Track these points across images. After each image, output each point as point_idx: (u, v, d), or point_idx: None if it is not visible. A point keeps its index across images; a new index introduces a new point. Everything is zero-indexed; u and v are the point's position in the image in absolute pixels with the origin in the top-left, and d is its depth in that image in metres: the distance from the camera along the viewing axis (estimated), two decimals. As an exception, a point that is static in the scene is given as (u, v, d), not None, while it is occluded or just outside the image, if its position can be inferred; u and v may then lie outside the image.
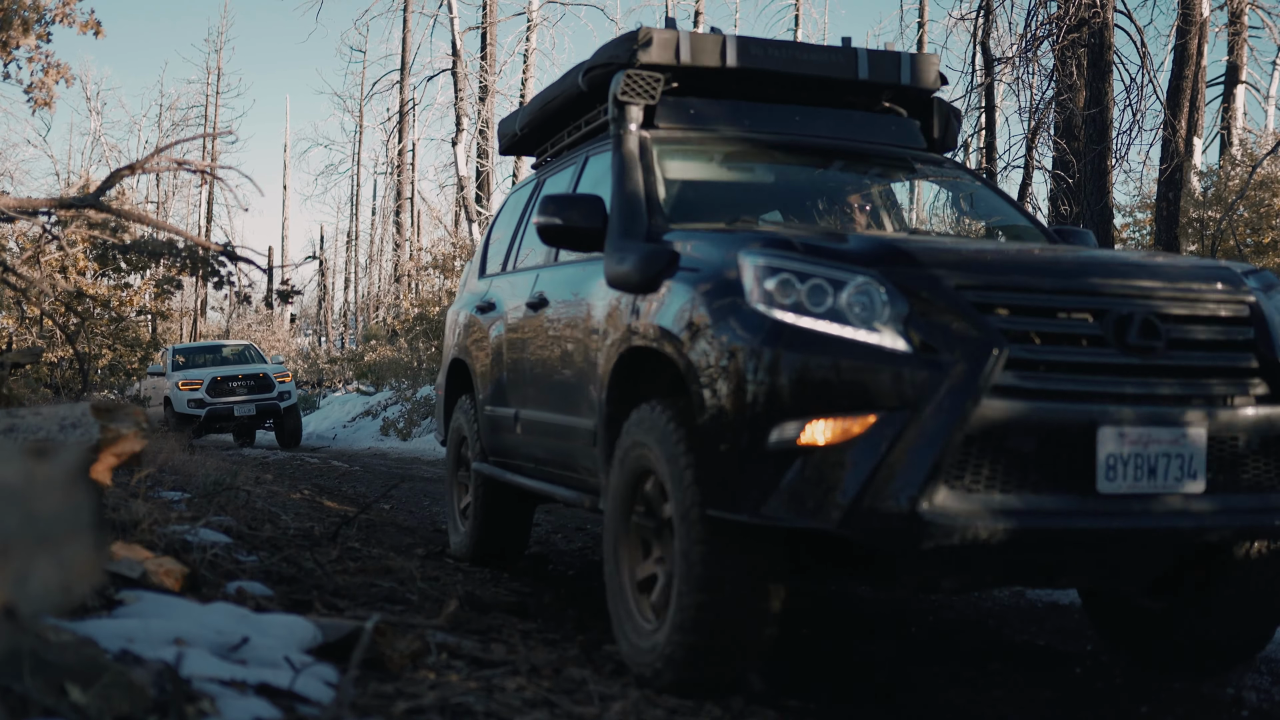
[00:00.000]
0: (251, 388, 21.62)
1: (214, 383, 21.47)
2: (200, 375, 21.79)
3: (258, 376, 21.87)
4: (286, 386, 22.15)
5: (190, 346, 25.49)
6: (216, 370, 22.06)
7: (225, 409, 21.35)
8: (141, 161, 8.40)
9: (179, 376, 21.89)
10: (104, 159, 48.90)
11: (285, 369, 23.65)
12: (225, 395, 21.39)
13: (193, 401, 21.21)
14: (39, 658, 1.91)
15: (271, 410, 21.71)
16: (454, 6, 30.12)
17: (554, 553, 7.42)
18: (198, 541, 4.27)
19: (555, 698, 2.95)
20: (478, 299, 6.44)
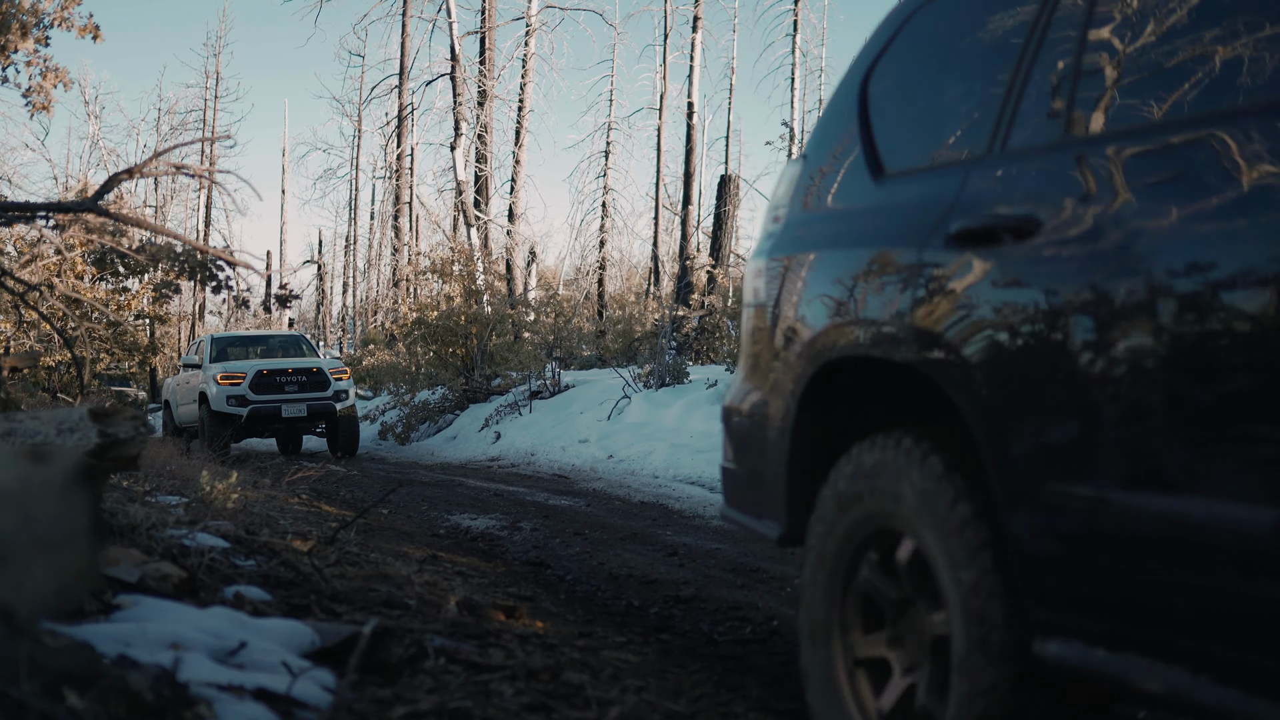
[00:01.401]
0: (303, 385, 18.34)
1: (259, 377, 18.07)
2: (244, 368, 18.29)
3: (310, 372, 18.48)
4: (344, 385, 18.76)
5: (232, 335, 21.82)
6: (262, 363, 18.66)
7: (271, 409, 18.03)
8: (140, 165, 8.39)
9: (218, 369, 18.40)
10: (102, 163, 48.93)
11: (342, 364, 19.71)
12: (272, 392, 18.08)
13: (233, 399, 17.89)
14: (36, 662, 1.90)
15: (325, 412, 18.40)
16: (453, 11, 30.15)
17: (552, 557, 7.42)
18: (195, 546, 4.26)
19: (553, 703, 2.95)
20: (931, 216, 2.76)
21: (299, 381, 18.26)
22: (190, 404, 19.48)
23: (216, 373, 18.16)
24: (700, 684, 4.04)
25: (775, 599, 5.90)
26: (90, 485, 1.82)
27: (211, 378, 18.17)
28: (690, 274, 32.60)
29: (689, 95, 37.09)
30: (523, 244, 33.14)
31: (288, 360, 19.06)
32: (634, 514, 9.57)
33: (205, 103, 50.48)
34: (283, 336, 21.62)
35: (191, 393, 19.41)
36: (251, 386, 17.91)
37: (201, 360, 19.43)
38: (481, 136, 31.19)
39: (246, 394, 17.85)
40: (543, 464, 14.87)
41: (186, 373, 20.17)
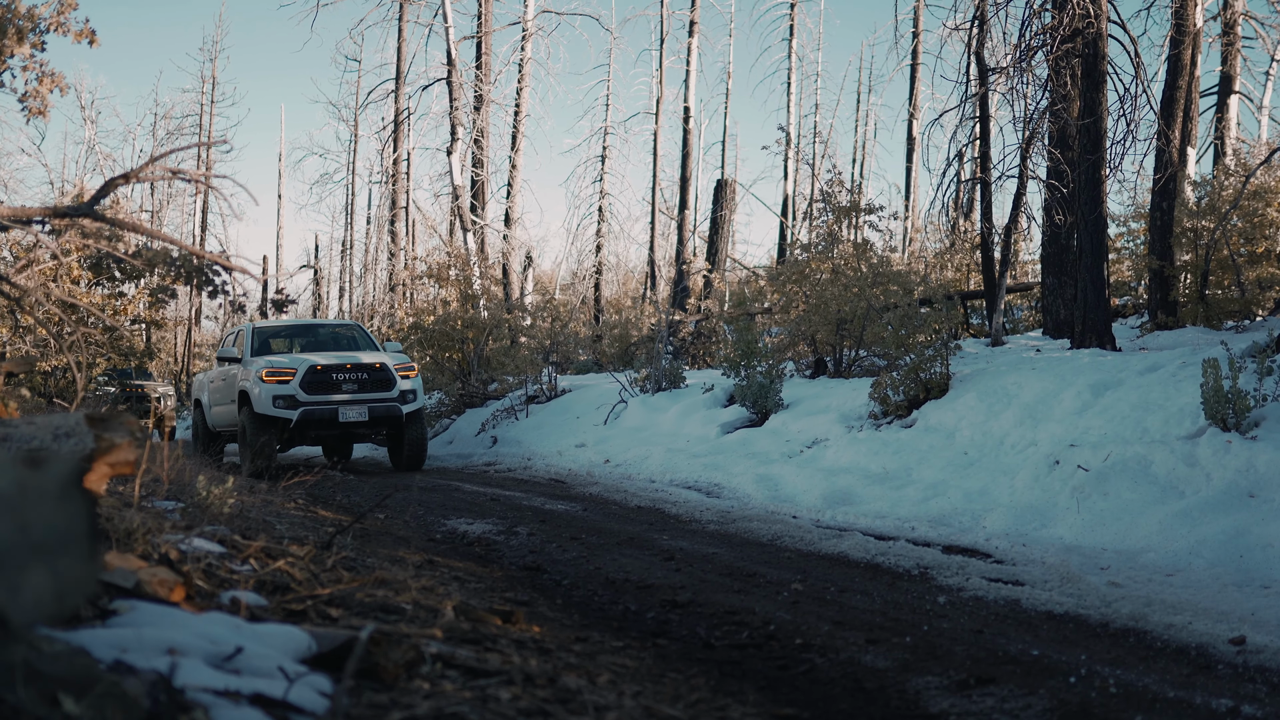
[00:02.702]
0: (363, 383, 15.59)
1: (312, 374, 15.35)
2: (293, 363, 15.56)
3: (372, 368, 15.67)
4: (411, 384, 15.98)
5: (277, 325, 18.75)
6: (316, 357, 15.81)
7: (327, 412, 15.30)
8: (136, 170, 8.38)
9: (262, 364, 15.61)
10: (98, 168, 48.87)
11: (408, 360, 16.61)
12: (327, 392, 15.37)
13: (281, 399, 15.20)
14: (32, 668, 1.90)
15: (389, 416, 15.64)
16: (449, 16, 30.14)
17: (548, 562, 7.41)
18: (192, 551, 4.26)
19: (550, 707, 2.95)
20: None
21: (359, 379, 15.58)
22: (227, 404, 16.90)
23: (261, 368, 15.42)
24: (697, 688, 4.04)
25: (772, 603, 5.90)
26: (86, 490, 1.82)
27: (255, 374, 15.42)
28: (686, 278, 32.61)
29: (685, 100, 37.13)
30: (519, 248, 33.13)
31: (345, 354, 16.23)
32: (631, 518, 9.56)
33: (201, 107, 50.46)
34: (335, 326, 18.68)
35: (229, 391, 16.84)
36: (303, 385, 15.26)
37: (241, 353, 16.83)
38: (478, 141, 31.18)
39: (297, 394, 15.22)
40: (539, 468, 14.86)
41: (222, 367, 17.54)
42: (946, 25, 19.36)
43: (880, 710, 4.06)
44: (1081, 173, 14.56)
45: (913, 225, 38.78)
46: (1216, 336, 15.41)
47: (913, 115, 41.80)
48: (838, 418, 13.13)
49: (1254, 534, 6.96)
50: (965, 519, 8.74)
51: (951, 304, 15.58)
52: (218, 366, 17.90)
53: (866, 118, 49.16)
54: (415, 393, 15.96)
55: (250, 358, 16.35)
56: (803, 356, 18.25)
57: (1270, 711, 3.96)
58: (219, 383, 17.60)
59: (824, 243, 19.59)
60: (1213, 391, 8.66)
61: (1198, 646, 4.89)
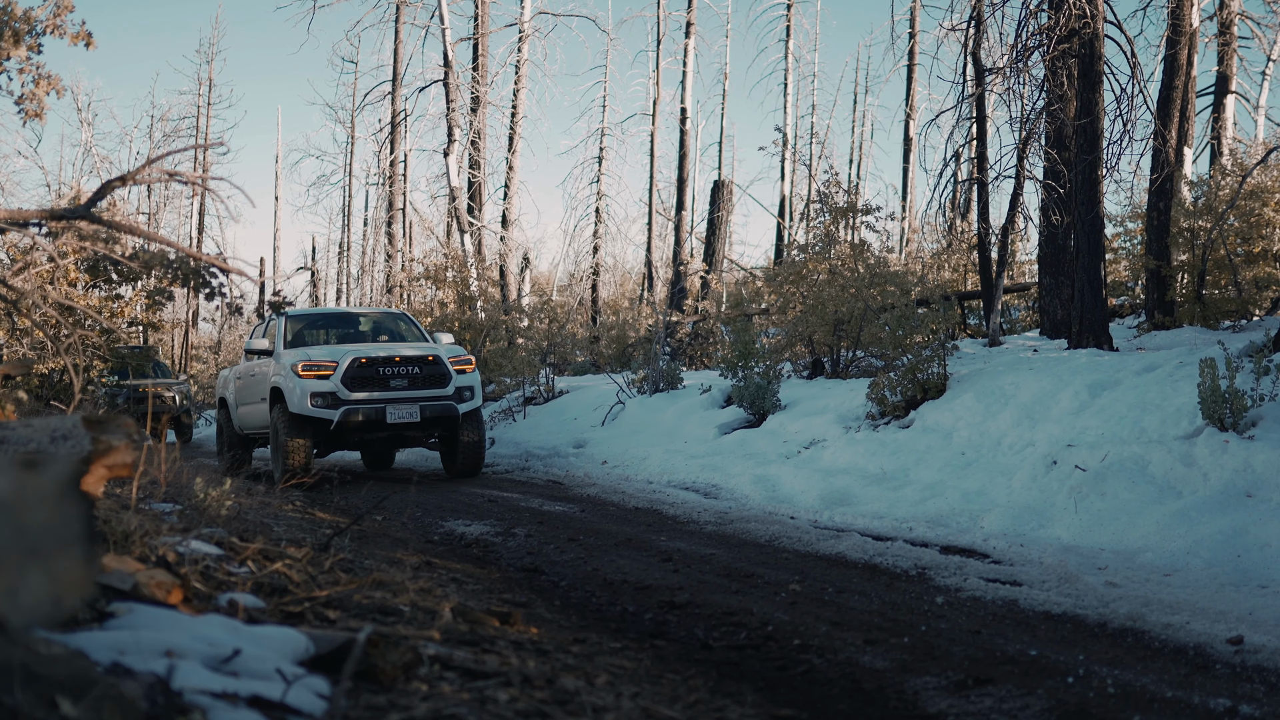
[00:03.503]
0: (414, 378, 13.79)
1: (356, 368, 13.55)
2: (334, 356, 13.71)
3: (424, 361, 13.88)
4: (468, 379, 14.18)
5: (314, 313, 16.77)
6: (359, 349, 13.97)
7: (373, 411, 13.51)
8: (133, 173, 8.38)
9: (298, 357, 13.79)
10: (95, 170, 48.86)
11: (464, 352, 14.69)
12: (373, 388, 13.57)
13: (320, 397, 13.39)
14: (29, 670, 1.90)
15: (444, 416, 13.81)
16: (446, 18, 30.14)
17: (546, 563, 7.41)
18: (189, 553, 4.26)
19: (548, 708, 2.95)
20: None
21: (409, 374, 13.75)
22: (256, 403, 15.07)
23: (296, 361, 13.64)
24: (696, 689, 4.04)
25: (770, 604, 5.90)
26: (83, 493, 1.82)
27: (289, 368, 13.64)
28: (684, 279, 32.62)
29: (682, 101, 37.16)
30: (516, 250, 33.14)
31: (392, 346, 14.40)
32: (628, 519, 9.56)
33: (198, 109, 50.45)
34: (378, 314, 16.71)
35: (258, 388, 15.01)
36: (346, 380, 13.46)
37: (273, 345, 14.85)
38: (475, 143, 31.18)
39: (338, 391, 13.40)
40: (537, 470, 14.86)
41: (251, 362, 15.64)
42: (943, 26, 19.36)
43: (878, 710, 4.06)
44: (1078, 173, 14.57)
45: (910, 226, 38.81)
46: (1213, 336, 15.43)
47: (909, 116, 41.83)
48: (835, 418, 13.13)
49: (1251, 534, 6.96)
50: (963, 519, 8.75)
51: (949, 304, 15.59)
52: (244, 361, 16.03)
53: (863, 118, 49.23)
54: (473, 389, 14.20)
55: (283, 350, 14.46)
56: (800, 357, 18.26)
57: (1268, 711, 3.96)
58: (246, 379, 15.66)
59: (821, 243, 19.60)
60: (1210, 391, 8.67)
61: (1195, 646, 4.89)
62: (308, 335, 15.49)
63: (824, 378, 16.59)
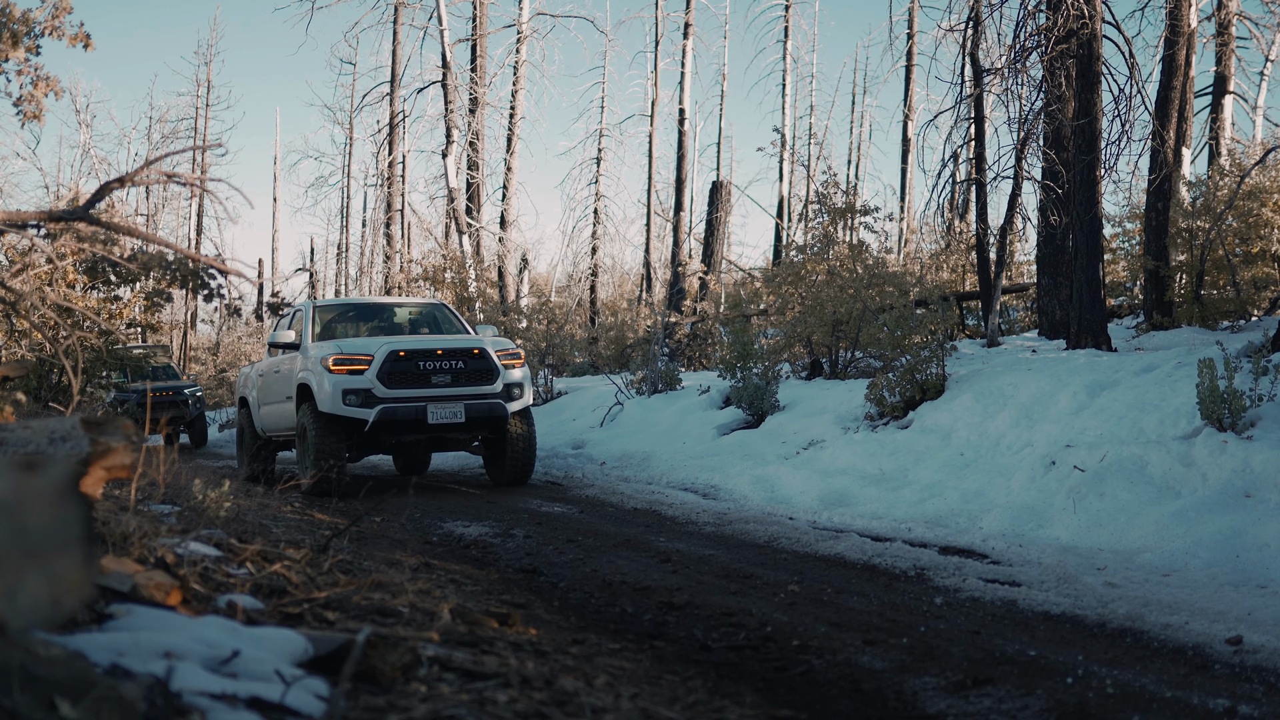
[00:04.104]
0: (458, 374, 12.42)
1: (394, 362, 12.23)
2: (368, 348, 12.40)
3: (469, 354, 12.51)
4: (517, 375, 12.80)
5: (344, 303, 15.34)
6: (398, 341, 12.71)
7: (412, 410, 12.14)
8: (131, 174, 8.37)
9: (329, 350, 12.43)
10: (93, 172, 48.86)
11: (512, 345, 13.24)
12: (413, 385, 12.25)
13: (354, 394, 12.08)
14: (28, 672, 1.90)
15: (491, 416, 12.43)
16: (444, 19, 30.16)
17: (545, 564, 7.41)
18: (188, 554, 4.25)
19: (547, 710, 2.95)
20: None
21: (452, 369, 12.38)
22: (281, 402, 13.73)
23: (327, 355, 12.29)
24: (695, 690, 4.04)
25: (769, 605, 5.90)
26: (82, 495, 1.82)
27: (319, 363, 12.32)
28: (682, 280, 32.62)
29: (680, 102, 37.15)
30: (515, 251, 33.15)
31: (434, 338, 13.09)
32: (627, 520, 9.56)
33: (196, 111, 50.46)
34: (414, 304, 15.34)
35: (283, 385, 13.66)
36: (382, 376, 12.13)
37: (299, 337, 13.52)
38: (473, 144, 31.19)
39: (374, 387, 12.08)
40: (535, 470, 14.86)
41: (275, 357, 14.42)
42: (941, 26, 19.38)
43: (877, 711, 4.06)
44: (1077, 173, 14.57)
45: (908, 226, 38.83)
46: (1212, 336, 15.43)
47: (908, 116, 41.86)
48: (834, 419, 13.13)
49: (1250, 534, 6.96)
50: (962, 520, 8.74)
51: (947, 305, 15.61)
52: (267, 357, 14.89)
53: (861, 119, 49.26)
54: (522, 386, 12.80)
55: (312, 343, 13.12)
56: (799, 358, 18.26)
57: (1267, 711, 3.96)
58: (270, 377, 14.38)
59: (819, 244, 19.61)
60: (1208, 391, 8.67)
61: (1194, 646, 4.89)
62: (337, 327, 14.23)
63: (822, 378, 16.59)
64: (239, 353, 40.78)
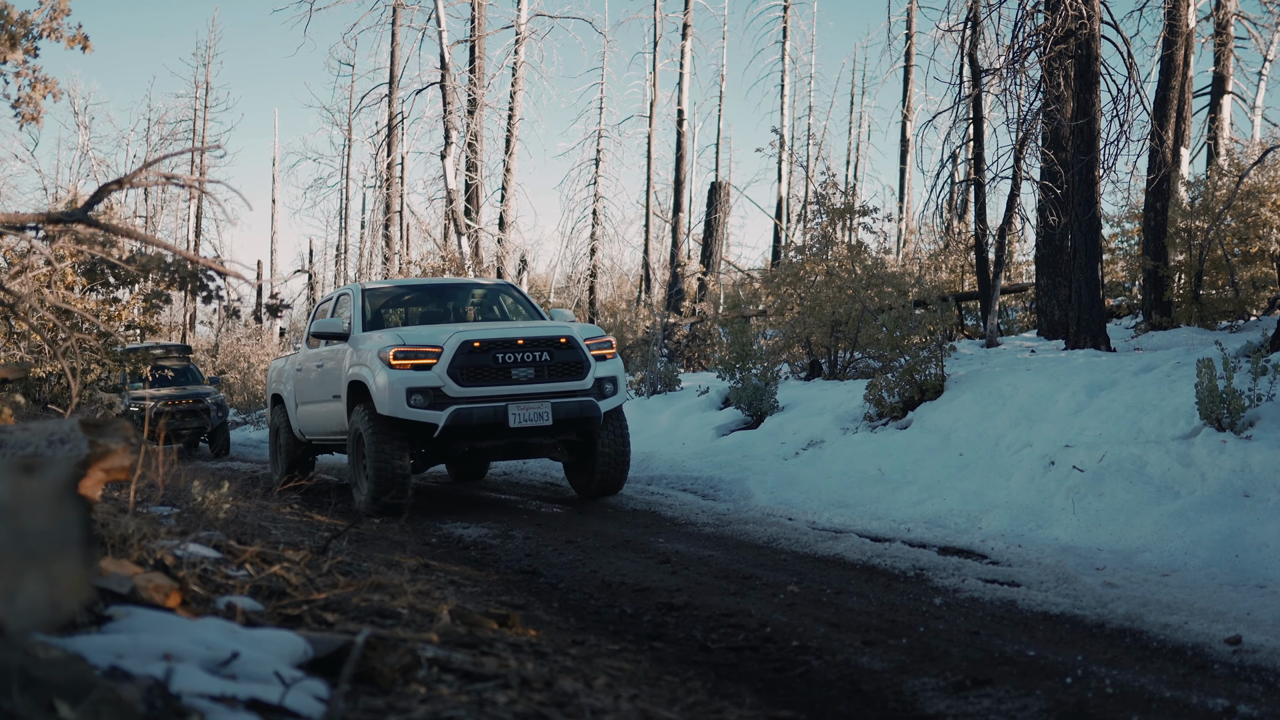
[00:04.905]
0: (543, 368, 10.47)
1: (467, 354, 10.25)
2: (435, 338, 10.42)
3: (554, 344, 10.56)
4: (610, 368, 10.87)
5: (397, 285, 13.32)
6: (468, 330, 10.65)
7: (489, 411, 10.17)
8: (130, 176, 8.37)
9: (387, 340, 10.56)
10: (92, 173, 48.86)
11: (601, 332, 11.32)
12: (489, 381, 10.26)
13: (420, 393, 10.12)
14: (27, 674, 1.90)
15: (583, 417, 10.53)
16: (442, 20, 30.16)
17: (544, 565, 7.41)
18: (187, 556, 4.25)
19: (546, 710, 2.95)
20: None
21: (536, 361, 10.43)
22: (325, 402, 11.96)
23: (386, 347, 10.40)
24: (694, 691, 4.04)
25: (768, 605, 5.90)
26: (81, 496, 1.82)
27: (376, 356, 10.44)
28: (681, 281, 32.61)
29: (679, 102, 37.14)
30: (514, 252, 33.16)
31: (509, 325, 11.27)
32: (626, 521, 9.56)
33: (195, 112, 50.45)
34: (476, 286, 13.46)
35: (328, 382, 11.85)
36: (454, 371, 10.18)
37: (348, 326, 11.66)
38: (472, 145, 31.19)
39: (445, 385, 10.15)
40: (535, 471, 14.85)
41: (315, 349, 12.71)
42: (940, 27, 19.40)
43: (877, 712, 4.06)
44: (1075, 173, 14.57)
45: (907, 227, 38.82)
46: (1211, 336, 15.44)
47: (906, 117, 41.87)
48: (833, 419, 13.13)
49: (1250, 534, 6.96)
50: (961, 520, 8.75)
51: (946, 305, 15.60)
52: (306, 348, 13.11)
53: (860, 120, 49.26)
54: (616, 381, 10.87)
55: (362, 333, 11.36)
56: (798, 359, 18.27)
57: (1266, 711, 3.96)
58: (311, 371, 12.58)
59: (818, 245, 19.62)
60: (1207, 391, 8.67)
61: (1194, 646, 4.89)
62: (389, 314, 12.46)
63: (821, 379, 16.60)
64: (237, 354, 40.78)
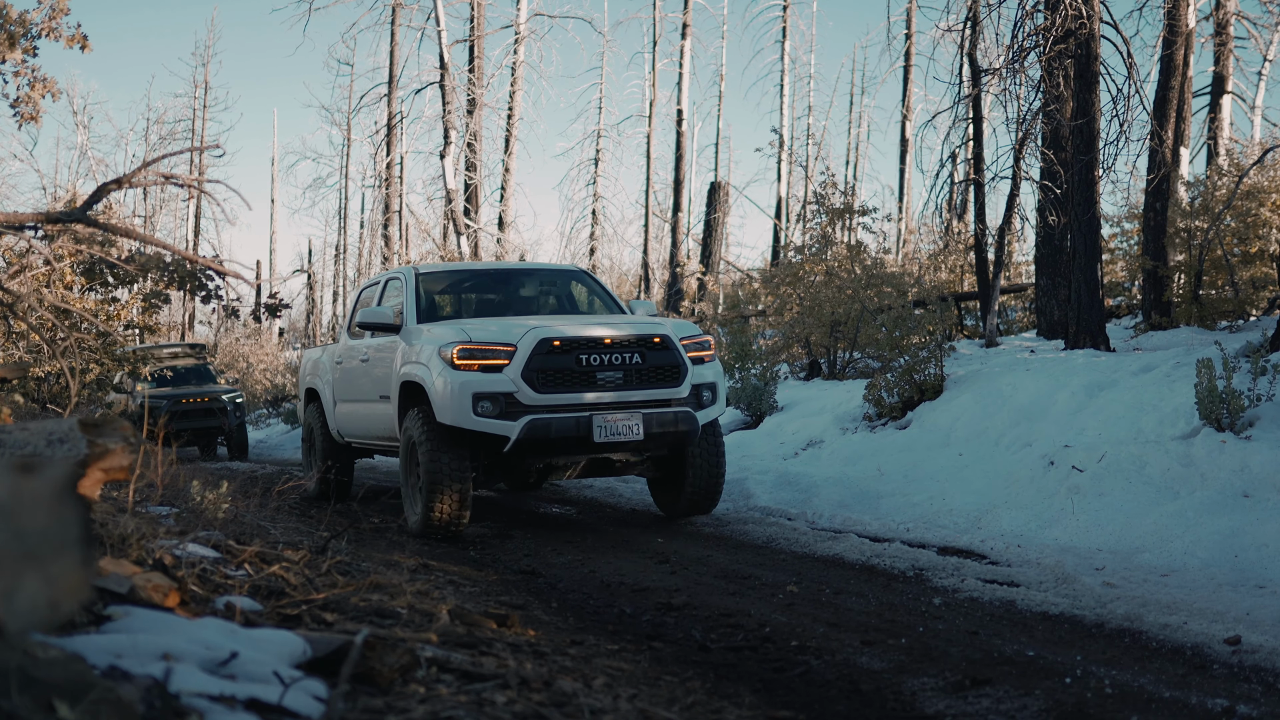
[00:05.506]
0: (633, 372, 8.81)
1: (545, 354, 8.61)
2: (508, 334, 8.76)
3: (648, 344, 8.89)
4: (708, 373, 9.21)
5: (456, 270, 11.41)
6: (547, 325, 8.88)
7: (572, 422, 8.53)
8: (129, 175, 8.37)
9: (449, 335, 8.90)
10: (91, 173, 48.80)
11: (697, 329, 9.55)
12: (573, 387, 8.61)
13: (489, 399, 8.47)
14: (26, 674, 1.90)
15: (680, 431, 8.84)
16: (442, 20, 30.15)
17: (543, 565, 7.41)
18: (186, 556, 4.25)
19: (546, 711, 2.95)
20: None
21: (625, 364, 8.77)
22: (371, 402, 10.42)
23: (449, 344, 8.75)
24: (693, 691, 4.04)
25: (767, 605, 5.90)
26: (80, 496, 1.82)
27: (436, 354, 8.82)
28: (680, 281, 32.62)
29: (678, 102, 37.15)
30: (513, 252, 33.14)
31: (597, 321, 9.33)
32: (625, 521, 9.56)
33: (194, 112, 50.41)
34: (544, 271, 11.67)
35: (374, 380, 10.32)
36: (530, 375, 8.54)
37: (400, 318, 9.98)
38: (471, 145, 31.18)
39: (519, 390, 8.50)
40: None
41: (359, 340, 11.09)
42: (939, 27, 19.40)
43: (876, 712, 4.06)
44: (1075, 173, 14.57)
45: (906, 227, 38.81)
46: (1210, 336, 15.43)
47: (906, 117, 41.86)
48: (832, 419, 13.13)
49: (1249, 534, 6.96)
50: (960, 520, 8.75)
51: (945, 305, 15.61)
52: (348, 339, 11.56)
53: (860, 120, 49.23)
54: (715, 388, 9.22)
55: (417, 325, 9.70)
56: (797, 359, 18.27)
57: (1266, 711, 3.96)
58: (353, 366, 11.02)
59: (818, 245, 19.62)
60: (1207, 391, 8.67)
61: (1193, 646, 4.89)
62: (445, 302, 10.75)
63: (821, 379, 16.59)
64: (236, 354, 40.71)
